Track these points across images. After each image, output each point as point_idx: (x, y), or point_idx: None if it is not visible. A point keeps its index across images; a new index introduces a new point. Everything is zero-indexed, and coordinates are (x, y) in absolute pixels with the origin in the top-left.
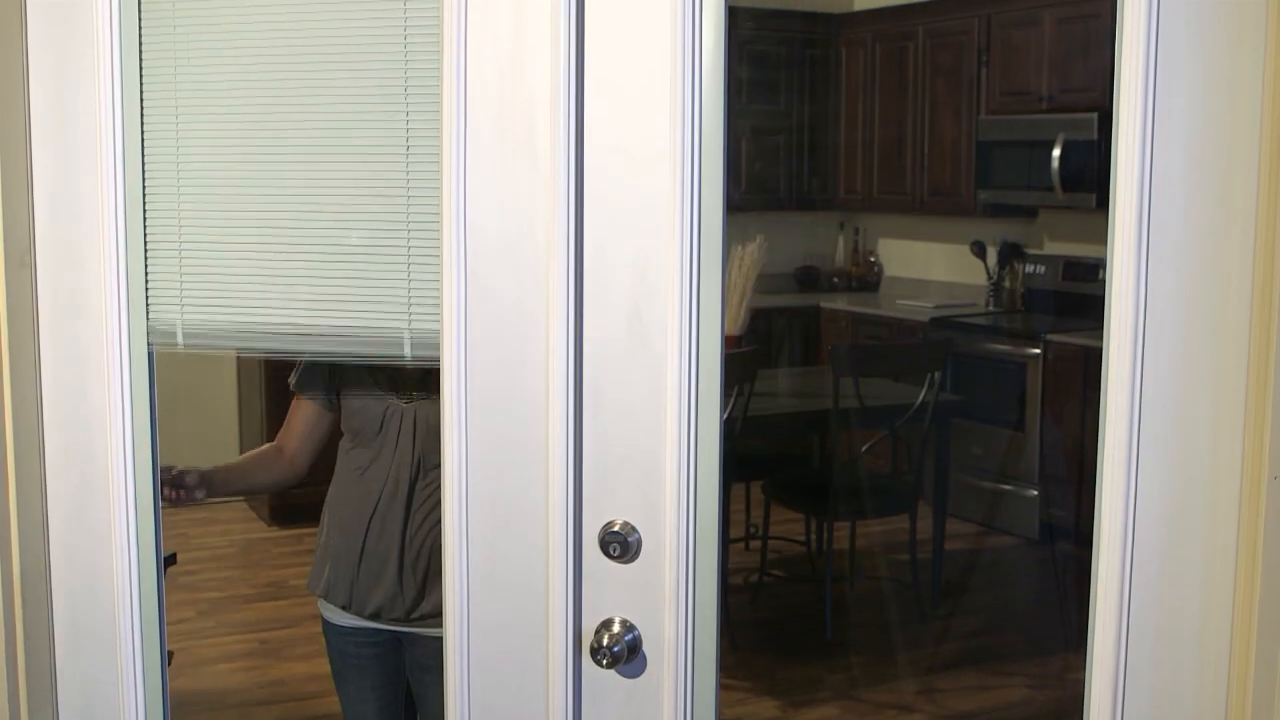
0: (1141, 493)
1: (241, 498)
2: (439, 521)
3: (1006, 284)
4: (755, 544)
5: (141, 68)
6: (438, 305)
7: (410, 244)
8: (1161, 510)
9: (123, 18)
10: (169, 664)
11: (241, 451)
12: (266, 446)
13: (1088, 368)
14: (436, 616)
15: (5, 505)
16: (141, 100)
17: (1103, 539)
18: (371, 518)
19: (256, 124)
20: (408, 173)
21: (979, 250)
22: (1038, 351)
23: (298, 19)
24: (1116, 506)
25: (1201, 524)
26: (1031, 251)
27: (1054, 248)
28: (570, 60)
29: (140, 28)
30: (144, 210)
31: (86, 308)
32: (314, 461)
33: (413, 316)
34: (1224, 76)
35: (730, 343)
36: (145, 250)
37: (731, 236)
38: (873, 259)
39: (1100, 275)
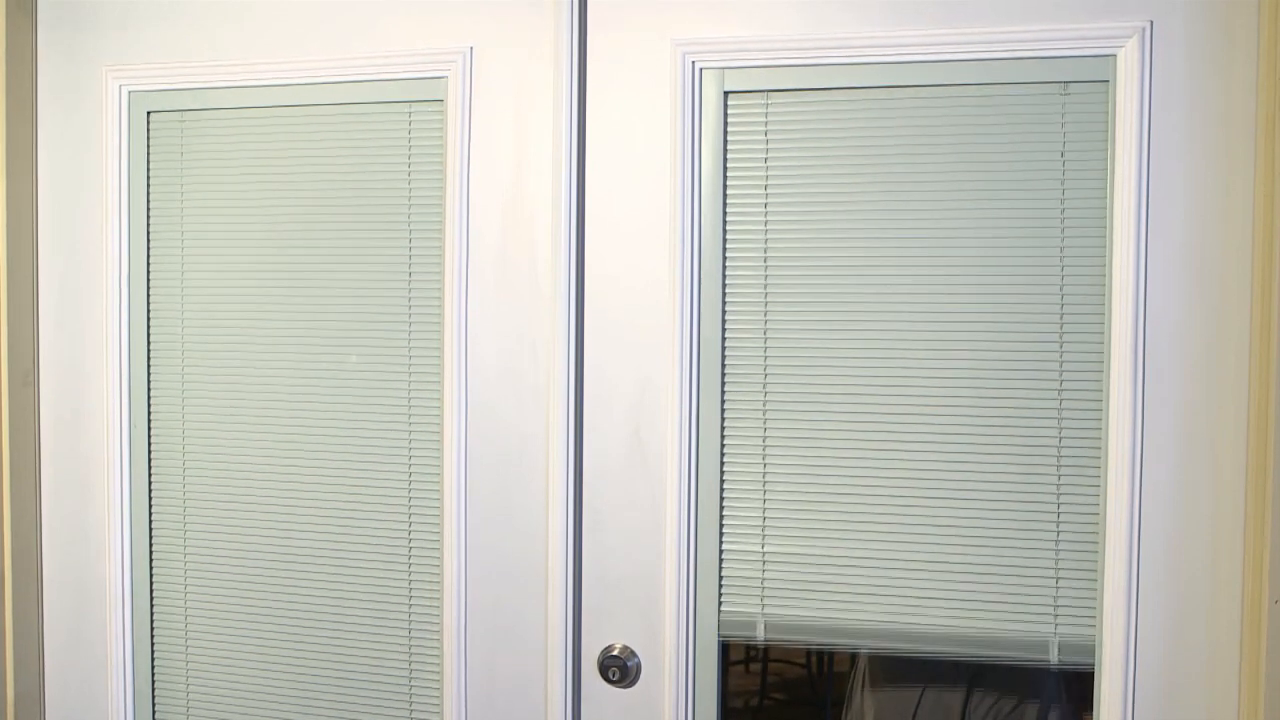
0: (1142, 617)
1: None
2: None
3: None
4: (755, 666)
5: (149, 192)
6: (439, 427)
7: (411, 366)
8: (1162, 632)
9: (131, 144)
10: None
11: None
12: None
13: None
14: None
15: (1, 626)
16: (148, 224)
17: (1105, 660)
18: None
19: (260, 249)
20: (409, 295)
21: None
22: None
23: (302, 148)
24: (1117, 628)
25: (1203, 649)
26: None
27: None
28: (571, 187)
29: (148, 154)
30: (148, 332)
31: (88, 427)
32: None
33: (413, 435)
34: (1216, 203)
35: None
36: (148, 371)
37: None
38: None
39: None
